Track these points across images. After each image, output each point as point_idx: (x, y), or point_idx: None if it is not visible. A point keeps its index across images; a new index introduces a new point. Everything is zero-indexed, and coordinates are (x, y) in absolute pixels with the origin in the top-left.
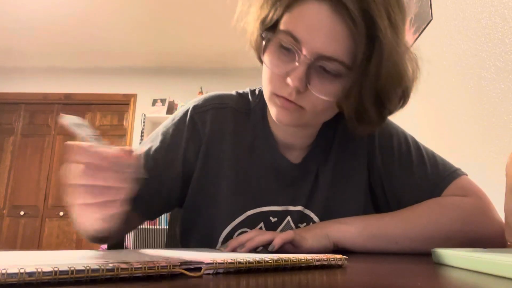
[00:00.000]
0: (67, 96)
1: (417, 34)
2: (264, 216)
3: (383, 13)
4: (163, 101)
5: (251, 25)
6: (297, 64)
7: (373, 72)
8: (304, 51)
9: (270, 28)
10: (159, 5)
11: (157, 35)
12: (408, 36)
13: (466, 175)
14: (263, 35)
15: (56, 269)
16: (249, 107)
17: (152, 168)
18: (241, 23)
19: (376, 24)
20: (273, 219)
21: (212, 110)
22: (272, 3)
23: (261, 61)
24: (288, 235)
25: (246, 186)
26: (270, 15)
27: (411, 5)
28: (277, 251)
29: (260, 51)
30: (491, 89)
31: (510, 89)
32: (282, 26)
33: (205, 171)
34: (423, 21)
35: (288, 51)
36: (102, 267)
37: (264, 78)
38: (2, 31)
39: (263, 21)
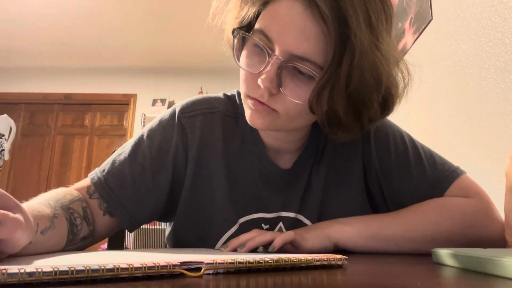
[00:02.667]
0: (67, 96)
1: (417, 34)
2: (256, 223)
3: (360, 13)
4: (163, 101)
5: (229, 24)
6: (268, 64)
7: (345, 74)
8: (277, 51)
9: (246, 26)
10: (159, 5)
11: (157, 35)
12: (408, 36)
13: (465, 173)
14: (234, 34)
15: (56, 269)
16: (237, 111)
17: (138, 175)
18: (217, 21)
19: (348, 24)
20: (264, 226)
21: (201, 115)
22: (248, 1)
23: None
24: (288, 235)
25: (238, 193)
26: (246, 13)
27: (411, 5)
28: (277, 251)
29: (233, 49)
30: (491, 89)
31: (510, 89)
32: (256, 24)
33: (197, 180)
34: (423, 21)
35: (261, 50)
36: (102, 267)
37: (240, 79)
38: (2, 31)
39: (240, 20)
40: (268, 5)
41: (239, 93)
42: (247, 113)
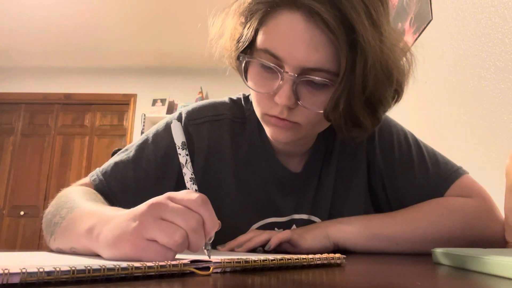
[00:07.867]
0: (67, 96)
1: (417, 34)
2: (269, 228)
3: (362, 13)
4: (163, 101)
5: (228, 47)
6: (281, 82)
7: (360, 78)
8: (287, 68)
9: (247, 47)
10: (159, 5)
11: (157, 35)
12: (408, 36)
13: (468, 173)
14: (240, 58)
15: (58, 269)
16: (244, 116)
17: (142, 181)
18: (216, 47)
19: (355, 29)
20: (278, 230)
21: (208, 123)
22: (244, 20)
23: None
24: (284, 234)
25: (249, 199)
26: (245, 33)
27: (411, 5)
28: (276, 251)
29: (241, 74)
30: (491, 89)
31: (510, 89)
32: (259, 43)
33: (204, 189)
34: (423, 21)
35: (270, 69)
36: (117, 266)
37: (253, 99)
38: (2, 31)
39: (238, 41)
40: (266, 22)
41: (245, 97)
42: (269, 130)
